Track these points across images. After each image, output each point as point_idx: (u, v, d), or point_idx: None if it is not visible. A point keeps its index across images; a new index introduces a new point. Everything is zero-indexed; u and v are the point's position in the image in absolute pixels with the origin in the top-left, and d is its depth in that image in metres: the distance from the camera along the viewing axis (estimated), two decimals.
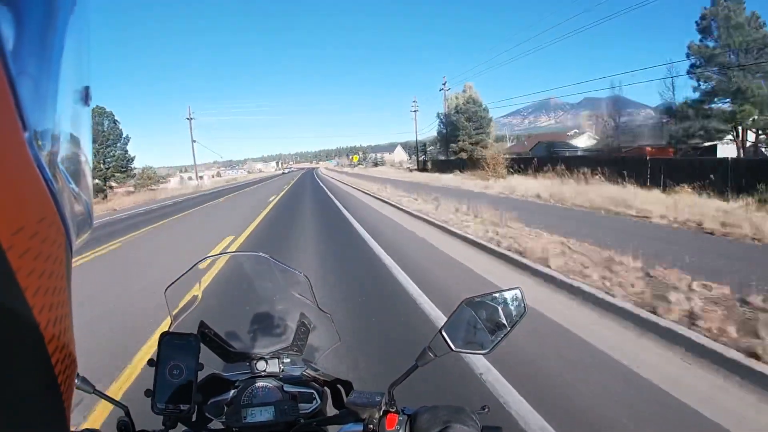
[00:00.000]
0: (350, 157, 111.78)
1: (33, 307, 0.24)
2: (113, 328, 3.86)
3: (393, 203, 12.62)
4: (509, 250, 5.68)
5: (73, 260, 0.30)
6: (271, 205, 15.32)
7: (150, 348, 3.31)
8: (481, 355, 0.79)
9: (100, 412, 2.43)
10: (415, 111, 45.86)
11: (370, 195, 16.80)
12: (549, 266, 4.78)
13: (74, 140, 0.31)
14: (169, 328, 0.92)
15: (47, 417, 0.27)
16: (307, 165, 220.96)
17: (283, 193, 22.53)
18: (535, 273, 4.84)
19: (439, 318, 3.56)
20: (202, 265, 1.01)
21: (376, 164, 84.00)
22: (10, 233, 0.22)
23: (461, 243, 6.92)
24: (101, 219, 16.52)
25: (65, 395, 0.28)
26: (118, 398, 0.84)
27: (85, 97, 0.32)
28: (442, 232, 7.88)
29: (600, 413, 2.30)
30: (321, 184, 28.41)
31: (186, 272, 0.98)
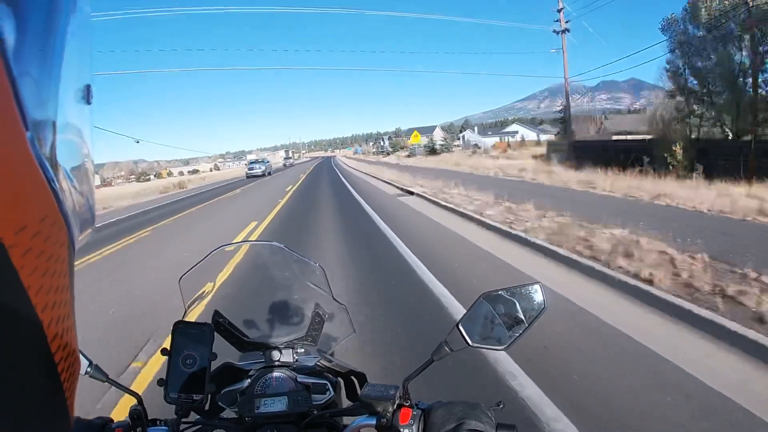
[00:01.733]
0: (406, 137, 78.30)
1: (36, 305, 0.24)
2: None
3: None
4: None
5: None
6: None
7: None
8: (499, 351, 0.77)
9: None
10: (562, 29, 21.18)
11: None
12: None
13: (76, 139, 0.31)
14: (183, 317, 0.92)
15: (50, 415, 0.27)
16: (321, 154, 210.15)
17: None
18: None
19: None
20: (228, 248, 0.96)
21: (433, 150, 50.33)
22: (13, 232, 0.22)
23: None
24: None
25: (68, 393, 0.28)
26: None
27: (87, 95, 0.32)
28: None
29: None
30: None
31: (201, 261, 0.98)
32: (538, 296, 0.76)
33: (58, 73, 0.27)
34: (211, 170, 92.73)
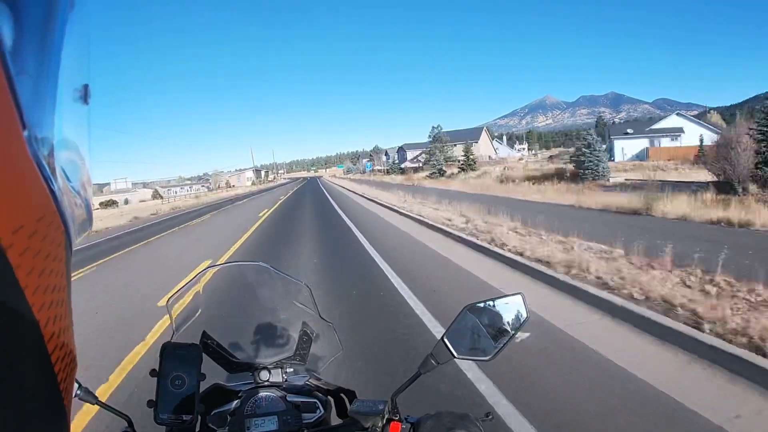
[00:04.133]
0: (453, 144, 45.75)
1: (33, 305, 0.24)
2: None
3: None
4: None
5: None
6: None
7: None
8: (484, 362, 0.79)
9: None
10: None
11: None
12: None
13: (73, 139, 0.31)
14: (172, 338, 0.92)
15: (48, 416, 0.27)
16: (303, 174, 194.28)
17: None
18: None
19: None
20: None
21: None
22: (10, 231, 0.22)
23: None
24: None
25: (65, 393, 0.28)
26: None
27: (84, 95, 0.32)
28: None
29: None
30: None
31: (188, 283, 0.98)
32: (520, 307, 0.78)
33: (56, 72, 0.27)
34: (154, 197, 67.32)
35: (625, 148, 35.86)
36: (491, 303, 0.78)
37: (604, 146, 24.21)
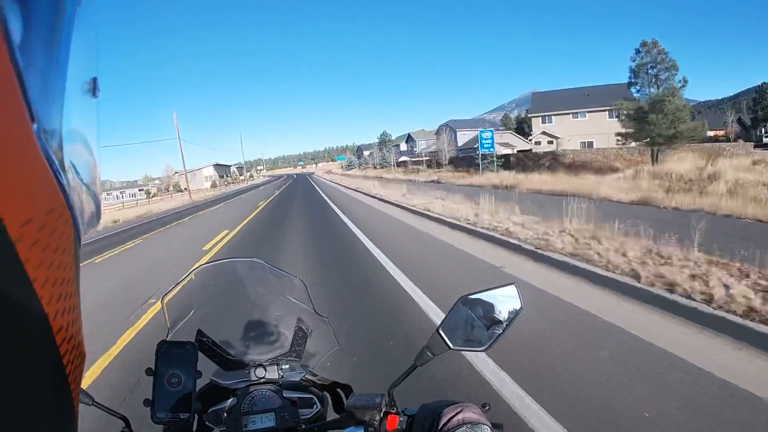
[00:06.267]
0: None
1: (41, 298, 0.24)
2: None
3: None
4: None
5: None
6: None
7: None
8: (479, 352, 0.80)
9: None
10: None
11: None
12: None
13: (82, 132, 0.31)
14: (167, 336, 0.91)
15: (56, 408, 0.27)
16: (290, 170, 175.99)
17: None
18: None
19: None
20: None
21: None
22: (20, 225, 0.22)
23: None
24: None
25: (73, 385, 0.28)
26: None
27: (93, 89, 0.32)
28: None
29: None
30: None
31: (182, 280, 0.98)
32: (514, 297, 0.79)
33: (65, 65, 0.27)
34: None
35: None
36: (485, 294, 0.78)
37: None
